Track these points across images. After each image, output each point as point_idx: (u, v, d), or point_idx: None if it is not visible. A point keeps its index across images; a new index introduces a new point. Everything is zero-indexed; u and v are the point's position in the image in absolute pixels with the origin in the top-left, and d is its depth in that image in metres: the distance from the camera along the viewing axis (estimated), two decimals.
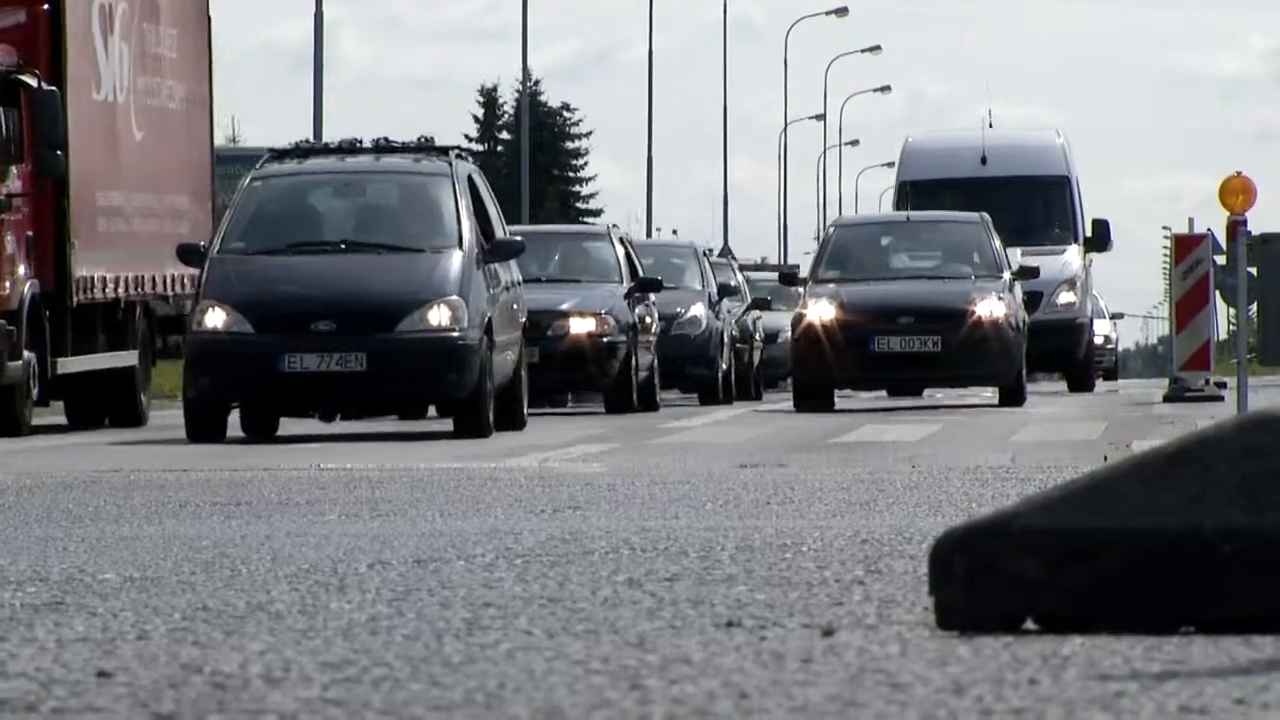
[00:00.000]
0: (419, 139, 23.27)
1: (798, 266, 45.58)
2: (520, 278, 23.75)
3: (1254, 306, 23.77)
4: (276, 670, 4.83)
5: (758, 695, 4.42)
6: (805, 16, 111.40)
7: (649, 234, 70.77)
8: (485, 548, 8.03)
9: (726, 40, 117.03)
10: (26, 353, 23.03)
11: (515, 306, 22.73)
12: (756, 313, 42.26)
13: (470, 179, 22.80)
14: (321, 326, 20.65)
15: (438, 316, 20.69)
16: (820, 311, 29.80)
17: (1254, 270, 23.46)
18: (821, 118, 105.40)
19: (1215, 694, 4.29)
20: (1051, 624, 5.24)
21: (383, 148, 23.46)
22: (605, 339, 28.23)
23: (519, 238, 24.06)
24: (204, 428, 20.47)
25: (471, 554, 7.77)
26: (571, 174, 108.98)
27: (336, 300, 20.88)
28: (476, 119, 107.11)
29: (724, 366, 36.04)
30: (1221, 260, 28.58)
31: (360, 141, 22.92)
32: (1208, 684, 4.43)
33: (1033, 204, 41.31)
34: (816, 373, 29.78)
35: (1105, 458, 13.25)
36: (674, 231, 47.99)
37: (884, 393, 32.26)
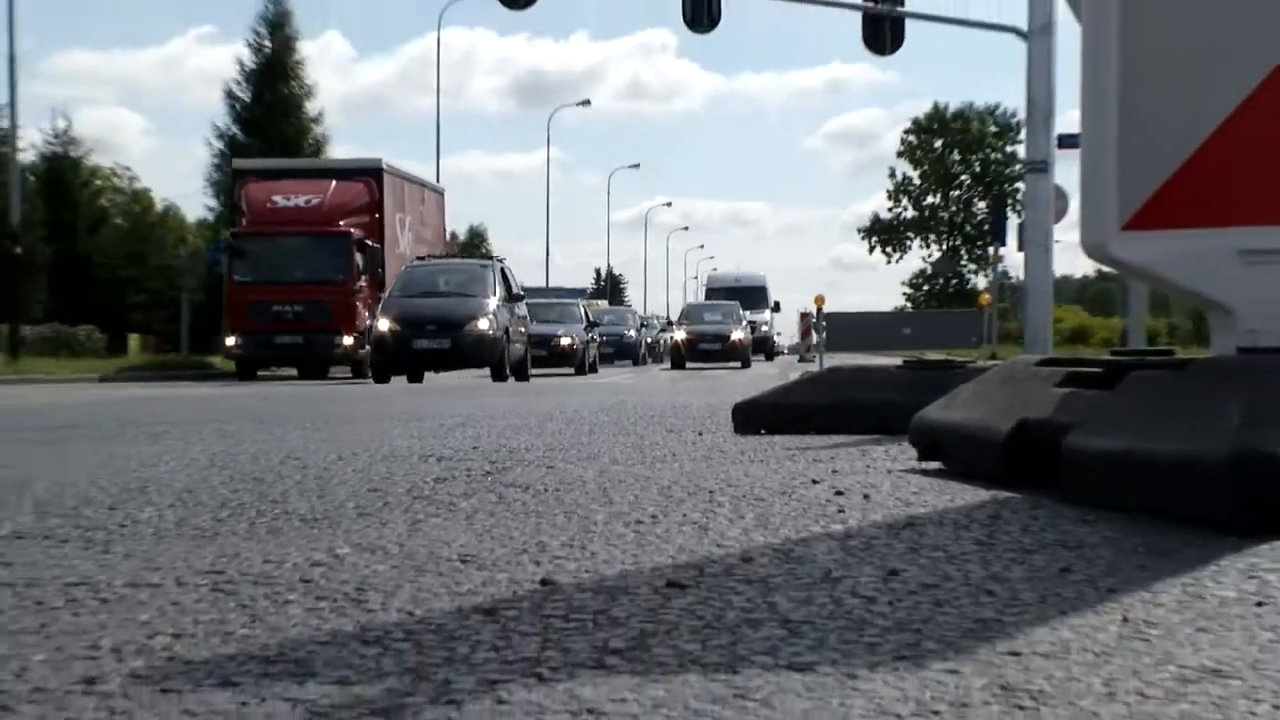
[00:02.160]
0: (483, 253, 20.36)
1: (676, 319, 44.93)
2: (527, 313, 19.79)
3: (823, 335, 23.74)
4: (529, 446, 4.66)
5: (680, 454, 4.22)
6: (692, 248, 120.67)
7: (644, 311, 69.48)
8: (593, 409, 7.80)
9: (669, 259, 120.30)
10: (365, 348, 21.09)
11: (524, 326, 18.95)
12: (662, 334, 41.63)
13: (502, 268, 18.88)
14: (430, 328, 17.09)
15: (483, 325, 17.19)
16: (680, 335, 29.17)
17: (824, 323, 23.45)
18: (696, 278, 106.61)
19: (845, 456, 4.09)
20: (773, 432, 5.10)
21: (466, 257, 21.24)
22: (575, 347, 24.37)
23: (523, 293, 19.99)
24: (380, 379, 16.84)
25: (589, 410, 7.57)
26: (622, 299, 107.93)
27: (438, 316, 17.27)
28: (596, 280, 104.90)
29: (643, 353, 34.54)
30: (814, 320, 28.37)
31: (457, 254, 20.57)
32: (839, 450, 4.25)
33: (751, 296, 40.14)
34: (680, 356, 28.80)
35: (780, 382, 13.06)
36: (654, 313, 47.83)
37: (703, 364, 31.71)
